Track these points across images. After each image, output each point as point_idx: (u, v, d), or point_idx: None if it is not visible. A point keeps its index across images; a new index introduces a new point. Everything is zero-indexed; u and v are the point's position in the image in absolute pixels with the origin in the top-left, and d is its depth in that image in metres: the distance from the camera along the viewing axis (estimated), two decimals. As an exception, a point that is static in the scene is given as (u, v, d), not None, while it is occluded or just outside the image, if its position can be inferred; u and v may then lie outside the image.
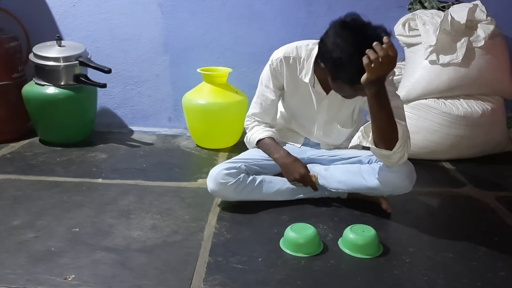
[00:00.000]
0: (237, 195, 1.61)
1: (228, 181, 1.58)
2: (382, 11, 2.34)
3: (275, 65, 1.63)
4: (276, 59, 1.63)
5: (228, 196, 1.62)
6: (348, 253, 1.37)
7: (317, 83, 1.60)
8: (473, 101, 2.11)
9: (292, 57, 1.60)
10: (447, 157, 2.16)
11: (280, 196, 1.66)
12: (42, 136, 2.32)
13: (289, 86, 1.66)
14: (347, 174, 1.60)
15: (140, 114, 2.58)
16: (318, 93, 1.63)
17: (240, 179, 1.59)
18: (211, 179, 1.60)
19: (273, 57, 1.64)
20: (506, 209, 1.70)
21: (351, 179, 1.59)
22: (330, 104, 1.64)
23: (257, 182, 1.63)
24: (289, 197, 1.67)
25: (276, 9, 2.35)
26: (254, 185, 1.62)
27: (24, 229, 1.45)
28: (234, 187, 1.59)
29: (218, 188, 1.59)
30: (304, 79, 1.60)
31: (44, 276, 1.21)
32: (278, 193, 1.65)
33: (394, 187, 1.52)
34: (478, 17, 2.12)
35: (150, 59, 2.47)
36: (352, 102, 1.62)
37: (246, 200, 1.64)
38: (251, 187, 1.62)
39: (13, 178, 1.86)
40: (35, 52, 2.21)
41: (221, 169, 1.60)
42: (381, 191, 1.56)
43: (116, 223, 1.52)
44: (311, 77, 1.58)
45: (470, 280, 1.26)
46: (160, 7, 2.38)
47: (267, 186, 1.64)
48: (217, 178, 1.58)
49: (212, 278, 1.22)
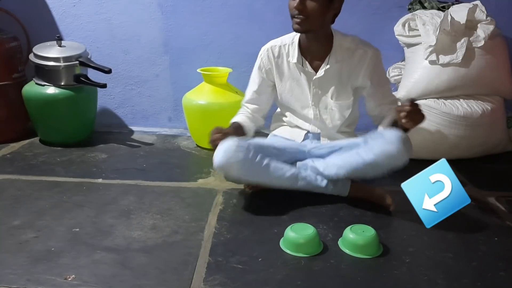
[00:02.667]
0: (243, 172, 1.58)
1: (237, 155, 1.55)
2: (382, 11, 2.34)
3: (263, 56, 1.77)
4: (265, 50, 1.77)
5: (234, 172, 1.58)
6: (348, 253, 1.37)
7: (305, 62, 1.70)
8: (473, 101, 2.11)
9: (278, 46, 1.75)
10: (447, 157, 2.12)
11: (282, 181, 1.65)
12: (42, 136, 2.32)
13: (279, 74, 1.77)
14: (344, 157, 1.63)
15: (140, 114, 2.58)
16: (308, 72, 1.71)
17: (249, 155, 1.58)
18: (221, 151, 1.56)
19: (261, 51, 1.79)
20: (506, 209, 1.70)
21: (349, 161, 1.61)
22: (321, 80, 1.71)
23: (265, 163, 1.61)
24: (290, 185, 1.67)
25: (276, 9, 2.35)
26: (261, 165, 1.61)
27: (24, 229, 1.46)
28: (243, 163, 1.56)
29: (227, 161, 1.55)
30: (292, 61, 1.71)
31: (44, 276, 1.21)
32: (281, 178, 1.64)
33: (390, 157, 1.52)
34: (478, 17, 2.12)
35: (150, 59, 2.47)
36: (343, 79, 1.70)
37: (249, 182, 1.65)
38: (258, 167, 1.60)
39: (13, 178, 1.86)
40: (35, 52, 2.21)
41: (232, 142, 1.58)
42: (379, 166, 1.56)
43: (116, 223, 1.52)
44: (299, 57, 1.70)
45: (470, 280, 1.26)
46: (160, 7, 2.38)
47: (273, 169, 1.63)
48: (227, 150, 1.55)
49: (212, 278, 1.23)
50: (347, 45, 1.67)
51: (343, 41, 1.68)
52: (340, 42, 1.67)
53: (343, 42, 1.68)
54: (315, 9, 1.55)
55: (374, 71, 1.69)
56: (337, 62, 1.68)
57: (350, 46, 1.67)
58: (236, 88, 2.29)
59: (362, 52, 1.67)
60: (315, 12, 1.56)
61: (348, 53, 1.67)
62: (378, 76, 1.71)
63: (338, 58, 1.67)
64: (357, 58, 1.68)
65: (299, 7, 1.55)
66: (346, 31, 1.72)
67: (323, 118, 1.77)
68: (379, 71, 1.72)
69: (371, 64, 1.68)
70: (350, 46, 1.67)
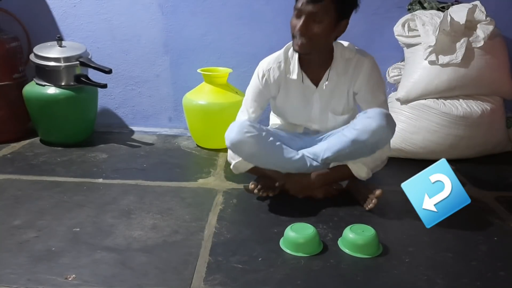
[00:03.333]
0: (257, 149, 1.59)
1: (251, 132, 1.58)
2: (382, 11, 2.35)
3: (263, 77, 1.68)
4: (263, 71, 1.68)
5: (248, 150, 1.59)
6: (348, 253, 1.37)
7: (306, 78, 1.66)
8: (472, 101, 2.11)
9: (275, 66, 1.67)
10: (447, 157, 2.12)
11: (291, 164, 1.66)
12: (42, 136, 2.33)
13: (280, 91, 1.71)
14: (330, 139, 1.67)
15: (140, 114, 2.58)
16: (308, 87, 1.67)
17: (262, 134, 1.60)
18: (234, 127, 1.58)
19: (260, 72, 1.69)
20: (506, 209, 1.70)
21: (335, 142, 1.63)
22: (321, 95, 1.68)
23: (277, 144, 1.64)
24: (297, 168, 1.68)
25: (276, 9, 2.35)
26: (274, 145, 1.63)
27: (25, 229, 1.46)
28: (256, 140, 1.58)
29: (241, 136, 1.56)
30: (292, 77, 1.65)
31: (44, 276, 1.22)
32: (290, 161, 1.66)
33: (372, 132, 1.54)
34: (478, 18, 2.12)
35: (151, 60, 2.47)
36: (343, 90, 1.67)
37: (260, 163, 1.65)
38: (271, 146, 1.62)
39: (13, 178, 1.87)
40: (35, 52, 2.21)
41: (245, 120, 1.61)
42: (363, 142, 1.56)
43: (116, 223, 1.52)
44: (299, 73, 1.64)
45: (470, 280, 1.26)
46: (160, 7, 2.39)
47: (284, 151, 1.65)
48: (242, 126, 1.58)
49: (212, 278, 1.23)
50: (347, 56, 1.63)
51: (344, 52, 1.63)
52: (340, 53, 1.63)
53: (344, 53, 1.63)
54: (320, 33, 1.50)
55: (368, 78, 1.64)
56: (338, 75, 1.64)
57: (349, 56, 1.64)
58: (236, 88, 2.29)
59: (359, 61, 1.63)
60: (319, 35, 1.50)
61: (347, 63, 1.64)
62: (372, 83, 1.66)
63: (338, 71, 1.63)
64: (354, 67, 1.64)
65: (303, 29, 1.49)
66: (346, 31, 1.71)
67: (324, 125, 1.76)
68: (373, 79, 1.66)
69: (366, 72, 1.63)
70: (349, 56, 1.64)
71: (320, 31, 1.49)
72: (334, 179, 1.72)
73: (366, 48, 1.71)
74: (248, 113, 1.72)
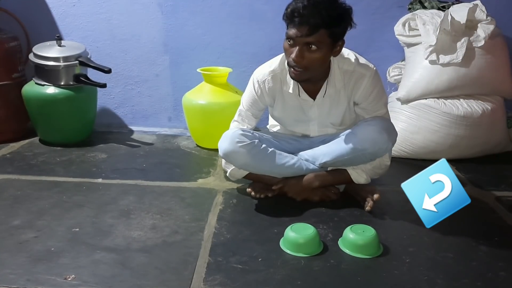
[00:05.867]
0: (249, 159, 1.59)
1: (243, 141, 1.57)
2: (382, 11, 2.34)
3: (259, 88, 1.64)
4: (258, 81, 1.63)
5: (241, 158, 1.59)
6: (348, 253, 1.37)
7: (302, 92, 1.61)
8: (473, 101, 2.11)
9: (270, 77, 1.61)
10: (447, 157, 2.12)
11: (286, 169, 1.66)
12: (42, 136, 2.32)
13: (276, 101, 1.68)
14: (330, 144, 1.66)
15: (140, 114, 2.58)
16: (306, 100, 1.63)
17: (254, 142, 1.60)
18: (226, 138, 1.58)
19: (254, 81, 1.65)
20: (506, 209, 1.70)
21: (334, 147, 1.63)
22: (320, 108, 1.65)
23: (270, 151, 1.63)
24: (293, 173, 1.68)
25: (276, 9, 2.34)
26: (266, 152, 1.62)
27: (24, 229, 1.45)
28: (249, 149, 1.58)
29: (233, 147, 1.56)
30: (289, 91, 1.61)
31: (44, 276, 1.21)
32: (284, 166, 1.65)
33: (372, 141, 1.54)
34: (478, 17, 2.12)
35: (150, 59, 2.47)
36: (342, 103, 1.64)
37: (254, 171, 1.65)
38: (264, 154, 1.62)
39: (13, 178, 1.86)
40: (35, 52, 2.21)
41: (237, 129, 1.61)
42: (363, 151, 1.56)
43: (116, 223, 1.52)
44: (295, 86, 1.60)
45: (470, 280, 1.26)
46: (160, 7, 2.38)
47: (278, 157, 1.65)
48: (233, 137, 1.57)
49: (212, 278, 1.22)
50: (345, 68, 1.57)
51: (341, 63, 1.57)
52: (338, 64, 1.57)
53: (341, 64, 1.57)
54: (316, 60, 1.44)
55: (369, 93, 1.60)
56: (336, 87, 1.59)
57: (348, 68, 1.57)
58: (236, 88, 2.29)
59: (359, 75, 1.57)
60: (316, 63, 1.45)
61: (346, 75, 1.58)
62: (372, 97, 1.62)
63: (336, 83, 1.58)
64: (354, 80, 1.58)
65: (298, 59, 1.42)
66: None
67: (322, 134, 1.75)
68: (374, 93, 1.60)
69: (367, 86, 1.58)
70: (348, 68, 1.57)
71: (316, 59, 1.44)
72: (332, 181, 1.71)
73: (366, 48, 1.70)
74: (242, 122, 1.71)
